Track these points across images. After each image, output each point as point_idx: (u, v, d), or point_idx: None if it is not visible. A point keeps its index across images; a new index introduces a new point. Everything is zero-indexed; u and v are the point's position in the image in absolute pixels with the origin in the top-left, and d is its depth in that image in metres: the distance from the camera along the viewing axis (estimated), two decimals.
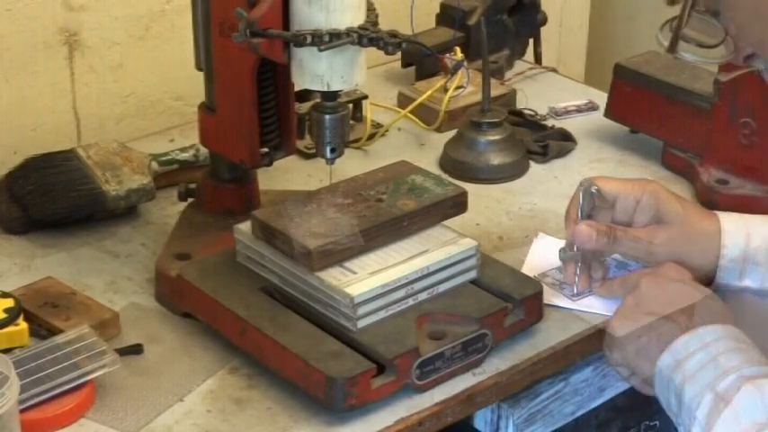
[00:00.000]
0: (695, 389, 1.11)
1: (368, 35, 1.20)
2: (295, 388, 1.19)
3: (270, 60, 1.26)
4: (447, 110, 1.73)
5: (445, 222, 1.32)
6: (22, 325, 1.25)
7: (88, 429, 1.17)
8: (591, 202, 1.34)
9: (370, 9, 1.25)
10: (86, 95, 1.73)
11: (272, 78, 1.33)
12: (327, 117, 1.28)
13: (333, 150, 1.29)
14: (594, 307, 1.34)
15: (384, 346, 1.18)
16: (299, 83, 1.27)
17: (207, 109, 1.37)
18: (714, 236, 1.30)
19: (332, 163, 1.31)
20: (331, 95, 1.27)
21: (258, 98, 1.32)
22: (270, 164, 1.37)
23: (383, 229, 1.26)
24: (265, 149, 1.36)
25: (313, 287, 1.23)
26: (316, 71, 1.22)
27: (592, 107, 1.81)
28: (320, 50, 1.19)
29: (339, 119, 1.28)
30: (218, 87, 1.34)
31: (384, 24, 1.24)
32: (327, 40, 1.19)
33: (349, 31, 1.20)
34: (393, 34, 1.22)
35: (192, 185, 1.45)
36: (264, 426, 1.18)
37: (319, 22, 1.20)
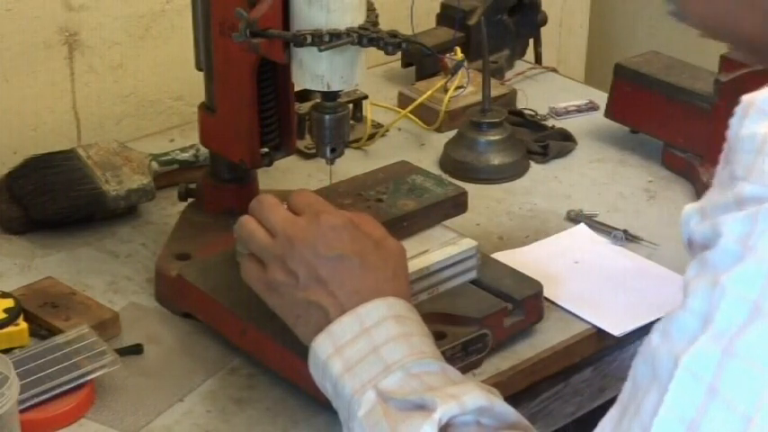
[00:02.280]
0: (355, 383, 1.03)
1: (368, 35, 1.20)
2: (295, 388, 1.19)
3: (270, 60, 1.26)
4: (447, 110, 1.73)
5: (445, 222, 1.32)
6: (22, 325, 1.25)
7: (88, 429, 1.17)
8: None
9: (370, 9, 1.24)
10: (86, 95, 1.73)
11: (272, 78, 1.33)
12: (327, 117, 1.28)
13: (333, 150, 1.29)
14: (591, 316, 1.33)
15: None
16: (299, 83, 1.26)
17: (207, 109, 1.37)
18: None
19: (332, 163, 1.31)
20: (331, 95, 1.27)
21: (258, 98, 1.32)
22: (270, 164, 1.37)
23: None
24: (265, 149, 1.36)
25: None
26: (316, 71, 1.22)
27: (592, 107, 1.81)
28: (320, 50, 1.19)
29: (339, 119, 1.28)
30: (218, 87, 1.34)
31: (384, 24, 1.24)
32: (327, 40, 1.19)
33: (349, 32, 1.20)
34: (393, 34, 1.22)
35: (192, 185, 1.45)
36: (264, 426, 1.18)
37: (319, 22, 1.20)
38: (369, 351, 1.04)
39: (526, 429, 1.00)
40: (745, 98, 0.80)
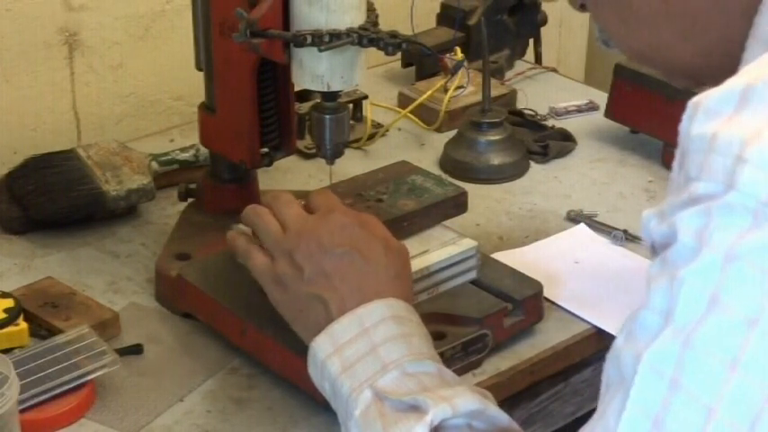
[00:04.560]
0: (353, 382, 1.04)
1: (368, 35, 1.20)
2: (295, 388, 1.19)
3: (270, 60, 1.27)
4: (447, 110, 1.73)
5: (445, 222, 1.32)
6: (22, 325, 1.25)
7: (88, 429, 1.17)
8: None
9: (371, 9, 1.25)
10: (86, 95, 1.73)
11: (272, 78, 1.33)
12: (327, 117, 1.28)
13: (333, 150, 1.29)
14: (591, 316, 1.33)
15: None
16: (299, 83, 1.27)
17: (207, 109, 1.37)
18: None
19: (332, 163, 1.31)
20: (331, 96, 1.27)
21: (258, 98, 1.32)
22: (270, 164, 1.37)
23: None
24: (265, 149, 1.36)
25: None
26: (316, 71, 1.22)
27: (592, 107, 1.81)
28: (320, 51, 1.19)
29: (339, 119, 1.28)
30: (218, 87, 1.34)
31: (384, 24, 1.24)
32: (327, 40, 1.19)
33: (349, 32, 1.20)
34: (393, 34, 1.22)
35: (192, 185, 1.45)
36: (264, 426, 1.18)
37: (319, 22, 1.20)
38: (367, 351, 1.05)
39: None
40: (692, 100, 0.83)
